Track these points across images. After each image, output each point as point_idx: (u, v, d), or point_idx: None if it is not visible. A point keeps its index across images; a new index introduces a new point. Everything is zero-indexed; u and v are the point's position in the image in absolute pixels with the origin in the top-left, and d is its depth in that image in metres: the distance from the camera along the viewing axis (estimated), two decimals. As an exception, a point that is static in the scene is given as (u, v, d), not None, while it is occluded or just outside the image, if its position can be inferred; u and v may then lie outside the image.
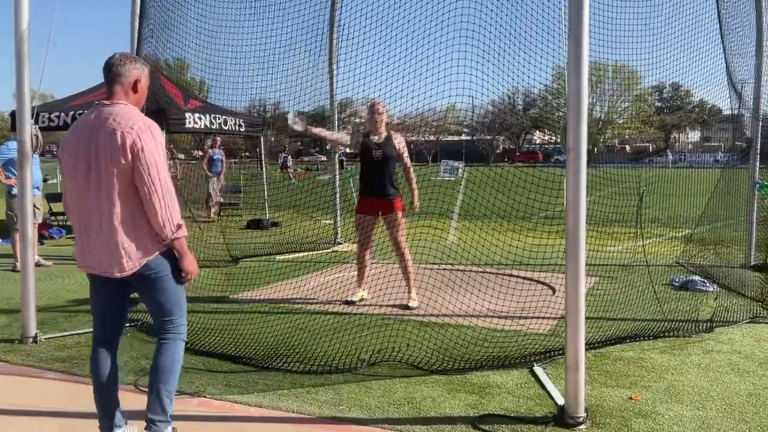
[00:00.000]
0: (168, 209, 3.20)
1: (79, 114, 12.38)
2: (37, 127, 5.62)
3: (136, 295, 3.57)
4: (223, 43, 7.32)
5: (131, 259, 3.25)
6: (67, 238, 12.21)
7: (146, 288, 3.37)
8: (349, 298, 6.87)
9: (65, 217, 13.69)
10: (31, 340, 5.45)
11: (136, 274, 3.29)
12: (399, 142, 6.80)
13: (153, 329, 3.51)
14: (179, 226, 3.25)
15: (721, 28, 8.04)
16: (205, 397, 4.26)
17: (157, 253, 3.30)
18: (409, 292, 6.72)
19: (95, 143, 3.23)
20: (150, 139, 3.21)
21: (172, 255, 3.36)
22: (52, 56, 5.70)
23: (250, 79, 7.59)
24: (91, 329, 5.78)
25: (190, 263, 3.37)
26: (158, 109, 9.16)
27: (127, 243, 3.23)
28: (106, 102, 3.35)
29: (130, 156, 3.16)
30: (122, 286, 3.43)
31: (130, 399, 3.82)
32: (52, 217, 13.51)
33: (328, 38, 9.70)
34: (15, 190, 7.84)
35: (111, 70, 3.36)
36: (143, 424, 3.60)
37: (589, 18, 3.75)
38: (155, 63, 6.86)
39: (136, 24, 6.33)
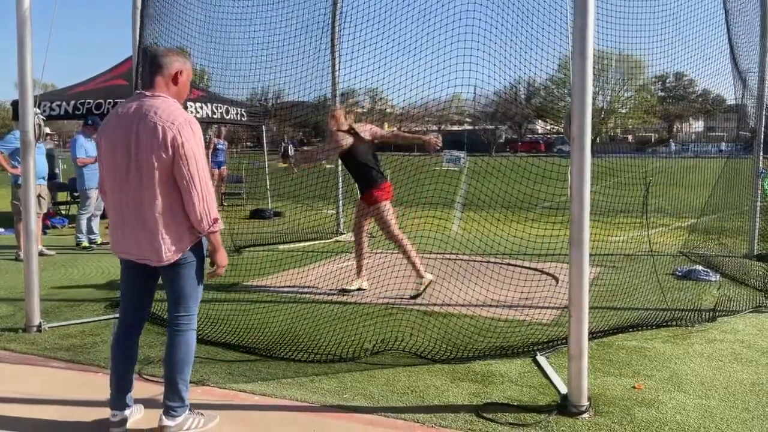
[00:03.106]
0: (206, 203, 3.28)
1: (81, 103, 12.36)
2: (40, 115, 5.60)
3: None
4: (224, 31, 7.30)
5: (170, 250, 3.32)
6: (71, 227, 12.21)
7: (173, 275, 3.43)
8: (345, 287, 6.88)
9: (68, 206, 13.72)
10: (35, 329, 5.47)
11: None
12: (366, 130, 6.81)
13: (167, 319, 3.57)
14: (216, 220, 3.33)
15: (726, 17, 7.99)
16: (208, 385, 4.27)
17: (192, 243, 3.39)
18: (417, 274, 6.67)
19: (135, 135, 3.27)
20: (190, 134, 3.27)
21: (200, 247, 3.45)
22: (53, 46, 5.69)
23: (252, 69, 7.57)
24: (95, 318, 5.87)
25: (222, 257, 3.46)
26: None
27: (167, 234, 3.30)
28: (147, 93, 3.38)
29: (170, 151, 3.22)
30: (152, 272, 3.50)
31: (134, 387, 3.82)
32: (55, 207, 13.51)
33: (330, 27, 9.66)
34: (21, 180, 7.85)
35: (153, 61, 3.43)
36: (149, 411, 3.66)
37: (595, 6, 3.72)
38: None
39: (138, 15, 6.31)
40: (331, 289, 6.87)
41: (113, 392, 3.56)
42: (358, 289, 6.87)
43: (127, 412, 3.57)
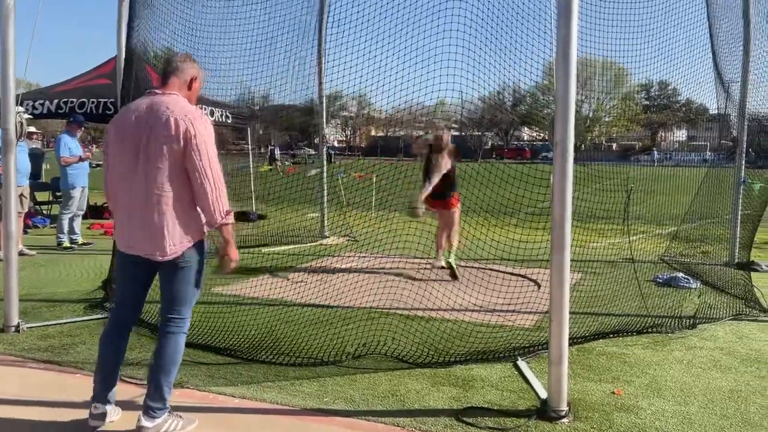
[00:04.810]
0: (218, 195, 3.31)
1: (64, 102, 12.26)
2: (22, 113, 5.53)
3: None
4: (210, 33, 7.27)
5: (174, 244, 3.34)
6: (52, 227, 12.08)
7: (172, 275, 3.44)
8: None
9: (49, 206, 13.59)
10: (13, 329, 5.41)
11: (170, 260, 3.36)
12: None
13: (159, 319, 3.58)
14: (228, 213, 3.36)
15: (710, 27, 8.08)
16: (188, 387, 4.24)
17: (196, 242, 3.41)
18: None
19: (147, 129, 3.31)
20: (202, 127, 3.31)
21: (202, 250, 3.48)
22: (37, 47, 5.63)
23: (239, 70, 7.55)
24: (74, 319, 5.81)
25: (234, 251, 3.47)
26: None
27: (172, 228, 3.32)
28: (158, 91, 3.44)
29: (182, 142, 3.25)
30: (152, 270, 3.50)
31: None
32: (36, 207, 13.37)
33: (317, 30, 9.66)
34: (2, 179, 7.76)
35: (171, 63, 3.53)
36: (127, 413, 3.62)
37: (578, 14, 3.75)
38: (142, 52, 6.81)
39: (124, 16, 6.28)
40: (314, 292, 6.83)
41: (97, 387, 3.55)
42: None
43: (108, 407, 3.56)
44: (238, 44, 7.50)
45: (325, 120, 10.84)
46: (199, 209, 3.39)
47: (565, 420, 3.80)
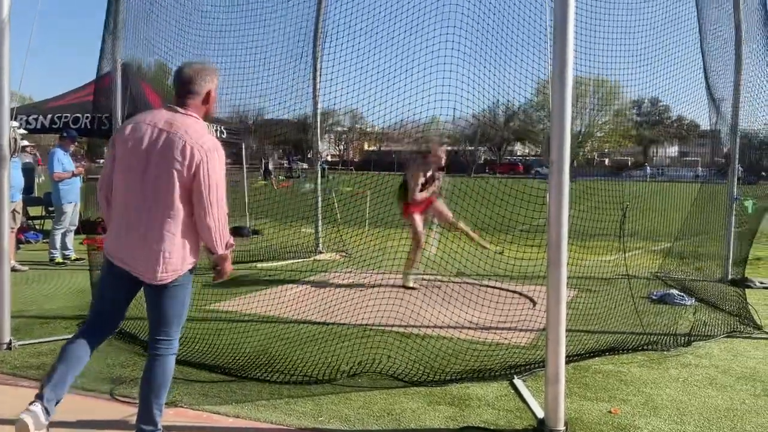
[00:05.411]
0: (222, 230, 3.36)
1: (58, 117, 12.22)
2: (15, 128, 5.51)
3: None
4: (204, 47, 7.28)
5: (167, 270, 3.31)
6: (44, 242, 12.01)
7: (160, 295, 3.39)
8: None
9: (42, 221, 13.51)
10: (4, 346, 5.35)
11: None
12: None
13: (148, 341, 3.52)
14: (230, 245, 3.45)
15: (701, 45, 8.15)
16: (181, 406, 4.19)
17: (189, 269, 3.40)
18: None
19: (162, 147, 3.28)
20: (215, 160, 3.31)
21: (193, 271, 3.48)
22: (30, 60, 5.62)
23: (233, 86, 7.56)
24: (67, 336, 5.70)
25: (229, 266, 3.53)
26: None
27: (169, 253, 3.29)
28: (180, 110, 3.41)
29: (192, 171, 3.24)
30: (137, 285, 3.46)
31: (106, 408, 3.76)
32: (29, 221, 13.29)
33: (312, 47, 9.69)
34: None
35: (185, 86, 3.45)
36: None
37: (573, 32, 3.78)
38: (136, 67, 6.81)
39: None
40: (309, 309, 6.80)
41: (46, 391, 3.37)
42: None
43: (44, 420, 3.31)
44: (232, 59, 7.51)
45: (319, 135, 10.85)
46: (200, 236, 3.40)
47: (562, 439, 3.77)
